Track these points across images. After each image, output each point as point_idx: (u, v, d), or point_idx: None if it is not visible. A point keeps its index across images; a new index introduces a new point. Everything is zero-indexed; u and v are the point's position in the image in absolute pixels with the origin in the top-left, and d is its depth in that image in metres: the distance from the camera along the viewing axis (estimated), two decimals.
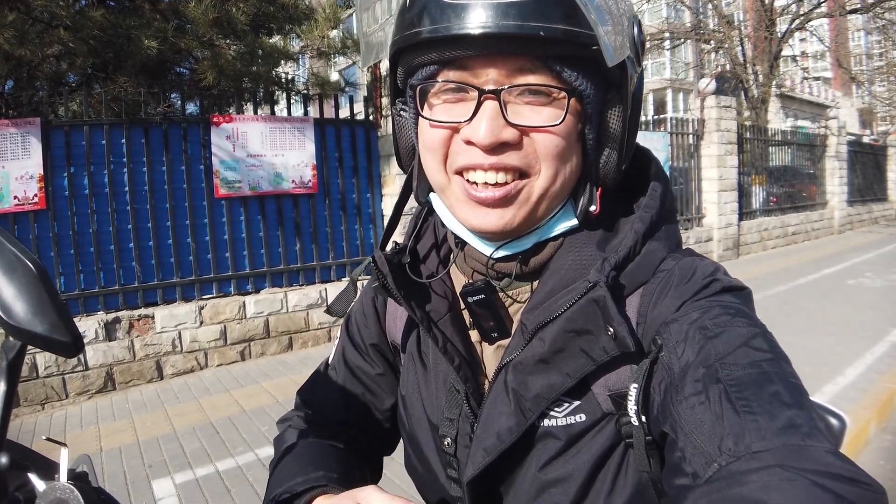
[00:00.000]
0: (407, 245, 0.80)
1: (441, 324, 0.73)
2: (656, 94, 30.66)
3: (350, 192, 6.07)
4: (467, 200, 0.64)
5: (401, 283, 0.73)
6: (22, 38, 4.37)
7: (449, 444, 0.72)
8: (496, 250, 0.68)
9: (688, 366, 0.53)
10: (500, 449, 0.65)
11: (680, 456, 0.49)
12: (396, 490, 2.84)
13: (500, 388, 0.66)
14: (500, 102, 0.59)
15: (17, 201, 4.49)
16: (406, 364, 0.82)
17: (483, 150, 0.60)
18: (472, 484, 0.68)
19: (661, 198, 0.68)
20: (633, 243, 0.64)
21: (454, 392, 0.72)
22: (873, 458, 3.30)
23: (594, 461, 0.63)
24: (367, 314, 0.89)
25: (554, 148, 0.61)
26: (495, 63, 0.59)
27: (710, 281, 0.62)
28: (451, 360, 0.71)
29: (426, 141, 0.66)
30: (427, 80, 0.63)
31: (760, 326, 0.57)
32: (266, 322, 5.51)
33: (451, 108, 0.63)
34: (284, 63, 6.56)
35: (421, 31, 0.59)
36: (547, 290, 0.66)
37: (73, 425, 4.12)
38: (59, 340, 0.52)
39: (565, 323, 0.62)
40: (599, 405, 0.64)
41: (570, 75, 0.60)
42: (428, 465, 0.77)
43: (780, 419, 0.45)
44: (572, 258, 0.67)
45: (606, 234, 0.68)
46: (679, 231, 0.71)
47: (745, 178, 11.03)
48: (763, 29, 14.02)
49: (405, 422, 0.81)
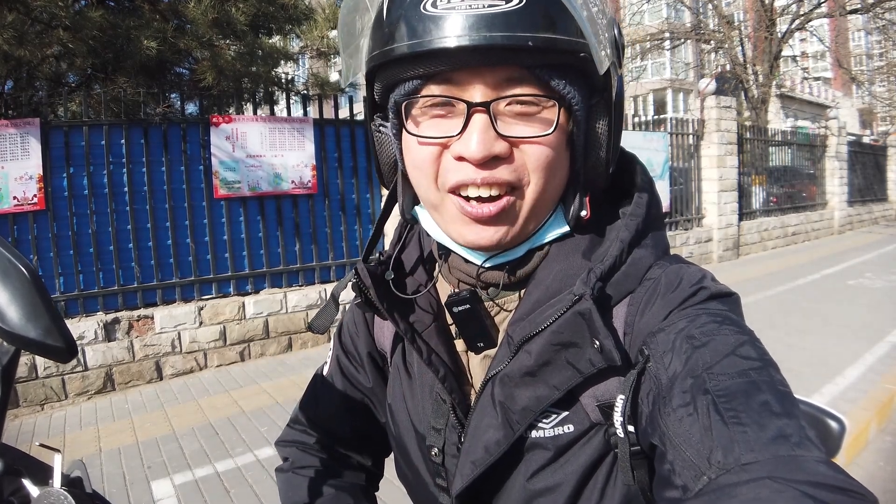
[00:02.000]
0: (391, 255, 0.79)
1: (426, 335, 0.72)
2: (656, 94, 30.65)
3: (349, 193, 6.07)
4: (462, 217, 0.62)
5: (384, 295, 0.71)
6: (21, 38, 4.37)
7: (436, 454, 0.72)
8: (486, 260, 0.67)
9: (675, 376, 0.53)
10: (489, 462, 0.65)
11: (669, 469, 0.48)
12: (396, 493, 2.84)
13: (487, 400, 0.66)
14: (489, 115, 0.57)
15: (17, 202, 4.49)
16: (392, 374, 0.82)
17: (475, 164, 0.58)
18: (461, 497, 0.68)
19: (647, 205, 0.68)
20: (618, 252, 0.64)
21: (440, 402, 0.72)
22: (873, 459, 3.30)
23: (583, 471, 0.63)
24: (357, 324, 0.89)
25: (545, 159, 0.60)
26: (481, 74, 0.57)
27: (697, 289, 0.61)
28: (435, 371, 0.70)
29: (415, 160, 0.63)
30: (410, 96, 0.60)
31: (748, 333, 0.56)
32: (265, 322, 5.51)
33: (439, 123, 0.60)
34: (284, 63, 6.56)
35: (401, 46, 0.57)
36: (533, 301, 0.65)
37: (72, 426, 4.12)
38: (53, 345, 0.51)
39: (551, 336, 0.61)
40: (588, 416, 0.63)
41: (558, 84, 0.59)
42: (417, 473, 0.77)
43: (769, 429, 0.45)
44: (558, 268, 0.66)
45: (593, 242, 0.67)
46: (666, 237, 0.71)
47: (745, 178, 11.03)
48: (763, 29, 14.03)
49: (393, 431, 0.81)
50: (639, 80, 22.53)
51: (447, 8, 0.54)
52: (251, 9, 5.54)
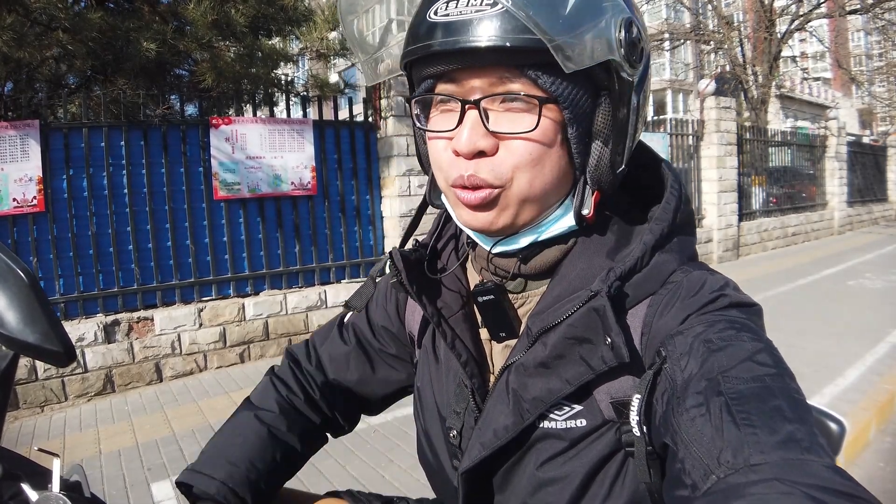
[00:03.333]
0: (428, 243, 0.84)
1: (452, 320, 0.76)
2: (656, 95, 30.68)
3: (349, 194, 6.06)
4: (461, 205, 0.67)
5: (414, 279, 0.76)
6: (20, 40, 4.36)
7: (454, 437, 0.76)
8: (493, 246, 0.70)
9: (690, 378, 0.54)
10: (496, 445, 0.67)
11: (680, 467, 0.49)
12: (396, 492, 2.84)
13: (503, 387, 0.69)
14: (480, 111, 0.62)
15: (17, 204, 4.48)
16: (421, 357, 0.86)
17: (465, 158, 0.63)
18: (466, 475, 0.71)
19: (674, 211, 0.69)
20: (640, 254, 0.65)
21: (462, 386, 0.75)
22: (873, 460, 3.30)
23: (592, 465, 0.64)
24: (388, 299, 0.95)
25: (528, 155, 0.63)
26: (478, 74, 0.62)
27: (718, 296, 0.62)
28: (458, 355, 0.74)
29: (431, 153, 0.70)
30: (425, 94, 0.67)
31: (766, 342, 0.57)
32: (265, 324, 5.51)
33: (444, 118, 0.66)
34: (284, 65, 6.54)
35: (411, 50, 0.65)
36: (555, 296, 0.68)
37: (72, 428, 4.12)
38: (51, 350, 0.52)
39: (567, 329, 0.63)
40: (601, 412, 0.65)
41: (546, 81, 0.61)
42: (436, 455, 0.80)
43: (780, 433, 0.45)
44: (582, 265, 0.69)
45: (619, 243, 0.70)
46: (694, 243, 0.72)
47: (745, 178, 11.03)
48: (763, 30, 14.04)
49: (420, 413, 0.85)
50: None
51: (444, 14, 0.61)
52: (251, 10, 5.53)
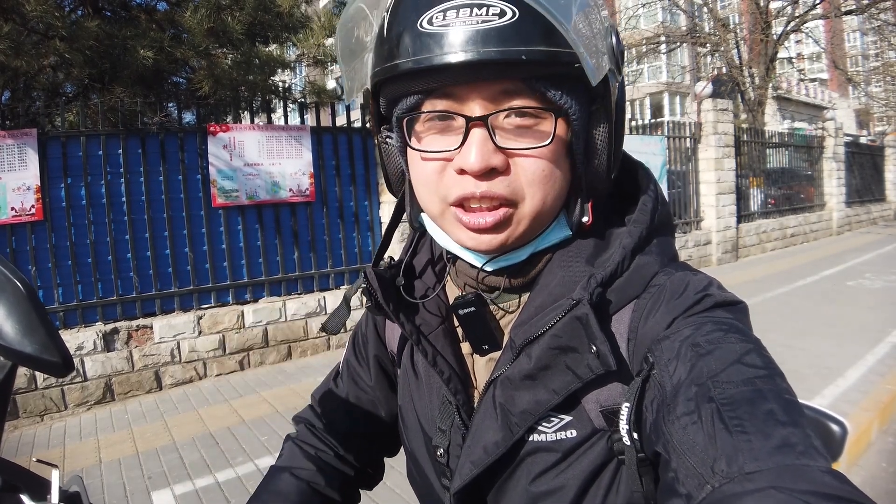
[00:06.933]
0: (402, 261, 0.81)
1: (432, 337, 0.73)
2: (653, 97, 30.75)
3: (348, 200, 6.06)
4: (462, 228, 0.63)
5: (391, 297, 0.73)
6: (18, 49, 4.37)
7: (441, 455, 0.73)
8: (487, 263, 0.68)
9: (680, 384, 0.53)
10: (487, 462, 0.65)
11: (673, 477, 0.48)
12: (397, 500, 2.83)
13: (489, 402, 0.67)
14: (488, 128, 0.58)
15: (15, 213, 4.48)
16: (401, 375, 0.84)
17: (474, 176, 0.59)
18: (458, 495, 0.69)
19: (651, 212, 0.68)
20: (620, 259, 0.64)
21: (447, 403, 0.73)
22: (875, 460, 3.29)
23: (585, 476, 0.63)
24: (368, 327, 0.92)
25: (540, 172, 0.61)
26: (479, 88, 0.58)
27: (703, 296, 0.61)
28: (440, 372, 0.72)
29: (419, 175, 0.65)
30: (412, 111, 0.62)
31: (754, 342, 0.56)
32: (265, 331, 5.50)
33: (440, 137, 0.62)
34: (281, 71, 6.56)
35: (401, 63, 0.58)
36: (536, 305, 0.66)
37: (72, 437, 4.11)
38: (49, 360, 0.51)
39: (551, 340, 0.61)
40: (591, 421, 0.63)
41: (555, 94, 0.59)
42: (424, 474, 0.78)
43: (774, 438, 0.44)
44: (561, 273, 0.67)
45: (597, 248, 0.68)
46: (674, 244, 0.71)
47: (743, 180, 11.05)
48: (759, 31, 14.10)
49: (403, 433, 0.83)
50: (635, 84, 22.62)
51: (443, 24, 0.55)
52: (247, 18, 5.55)
